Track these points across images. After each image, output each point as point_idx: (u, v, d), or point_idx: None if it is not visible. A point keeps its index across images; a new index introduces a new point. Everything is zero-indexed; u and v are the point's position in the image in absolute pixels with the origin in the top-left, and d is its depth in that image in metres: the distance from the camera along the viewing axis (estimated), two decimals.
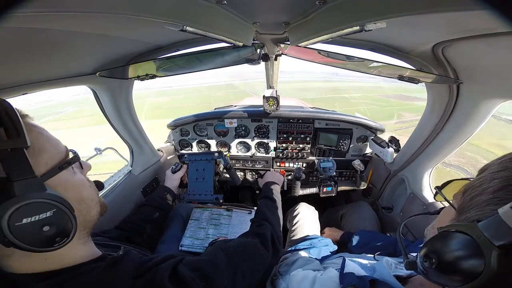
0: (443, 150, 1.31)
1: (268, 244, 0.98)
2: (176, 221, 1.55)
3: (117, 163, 1.69)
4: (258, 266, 0.87)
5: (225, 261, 0.76)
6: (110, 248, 0.77)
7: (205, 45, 1.26)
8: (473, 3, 0.27)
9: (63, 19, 0.61)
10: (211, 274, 0.68)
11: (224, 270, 0.73)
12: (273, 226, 1.11)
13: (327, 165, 1.76)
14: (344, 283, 0.65)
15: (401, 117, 24.37)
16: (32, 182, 0.47)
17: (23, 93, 0.90)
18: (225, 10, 0.77)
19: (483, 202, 0.43)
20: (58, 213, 0.49)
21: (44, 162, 0.53)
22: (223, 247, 0.83)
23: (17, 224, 0.44)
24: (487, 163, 0.51)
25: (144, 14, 0.63)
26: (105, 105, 1.37)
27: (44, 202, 0.47)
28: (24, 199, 0.45)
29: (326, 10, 0.73)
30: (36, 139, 0.53)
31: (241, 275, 0.76)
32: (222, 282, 0.70)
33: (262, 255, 0.91)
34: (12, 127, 0.45)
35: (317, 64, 1.56)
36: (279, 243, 1.06)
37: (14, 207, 0.43)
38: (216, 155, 1.71)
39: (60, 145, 0.60)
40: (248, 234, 1.03)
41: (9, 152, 0.44)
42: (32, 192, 0.46)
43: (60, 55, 0.87)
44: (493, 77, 0.90)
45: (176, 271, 0.64)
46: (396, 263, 0.76)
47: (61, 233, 0.50)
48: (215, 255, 0.77)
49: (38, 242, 0.47)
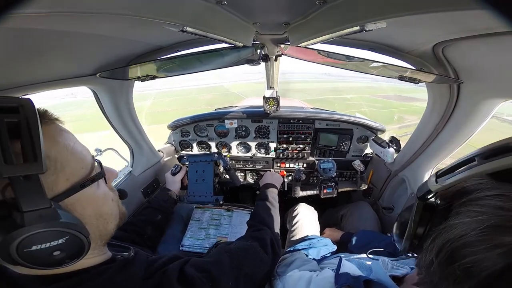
0: (444, 150, 1.31)
1: (268, 248, 0.98)
2: (176, 222, 1.55)
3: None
4: (258, 268, 0.88)
5: (229, 263, 0.77)
6: (117, 248, 0.77)
7: (205, 45, 1.26)
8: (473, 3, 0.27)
9: (63, 20, 0.61)
10: (217, 275, 0.69)
11: (228, 272, 0.74)
12: (271, 231, 1.11)
13: (327, 166, 1.76)
14: (339, 283, 0.65)
15: (403, 120, 23.92)
16: (45, 212, 0.43)
17: (24, 94, 0.90)
18: (225, 10, 0.77)
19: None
20: (71, 239, 0.46)
21: (65, 178, 0.50)
22: (226, 249, 0.84)
23: (26, 250, 0.42)
24: None
25: (144, 14, 0.63)
26: (106, 106, 1.37)
27: (56, 231, 0.44)
28: (33, 229, 0.41)
29: (326, 10, 0.73)
30: (60, 152, 0.49)
31: (243, 276, 0.77)
32: (227, 283, 0.71)
33: (262, 258, 0.92)
34: (29, 147, 0.41)
35: (316, 64, 1.56)
36: (278, 247, 1.07)
37: (22, 237, 0.40)
38: (215, 156, 1.71)
39: (86, 158, 0.56)
40: (247, 238, 1.03)
41: (22, 179, 0.40)
42: (43, 222, 0.42)
43: (61, 56, 0.87)
44: (494, 77, 0.90)
45: (184, 272, 0.65)
46: (392, 263, 0.76)
47: (72, 256, 0.48)
48: (220, 257, 0.78)
49: (47, 264, 0.46)
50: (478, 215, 0.36)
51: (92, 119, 19.19)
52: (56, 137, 0.50)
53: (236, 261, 0.79)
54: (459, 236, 0.36)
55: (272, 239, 1.04)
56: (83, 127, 22.08)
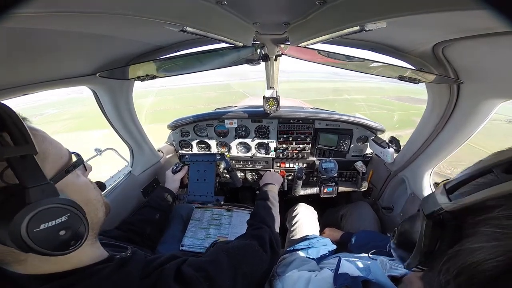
0: (444, 150, 1.31)
1: (267, 247, 0.98)
2: (176, 222, 1.55)
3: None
4: (256, 267, 0.88)
5: (227, 262, 0.76)
6: (115, 248, 0.78)
7: (205, 45, 1.26)
8: (473, 3, 0.27)
9: (63, 20, 0.61)
10: (214, 275, 0.69)
11: (226, 271, 0.74)
12: (271, 229, 1.11)
13: (329, 165, 1.76)
14: (337, 283, 0.65)
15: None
16: (46, 188, 0.47)
17: (24, 94, 0.90)
18: (225, 10, 0.77)
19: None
20: (72, 217, 0.50)
21: (50, 167, 0.53)
22: (224, 248, 0.84)
23: (36, 230, 0.44)
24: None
25: (145, 14, 0.63)
26: (105, 106, 1.37)
27: (59, 207, 0.48)
28: (41, 205, 0.45)
29: (326, 10, 0.73)
30: (39, 143, 0.52)
31: (241, 275, 0.77)
32: (224, 282, 0.71)
33: (260, 257, 0.92)
34: (19, 134, 0.45)
35: (317, 64, 1.56)
36: (277, 246, 1.07)
37: (31, 214, 0.43)
38: (218, 157, 1.71)
39: (62, 148, 0.60)
40: (246, 237, 1.03)
41: (19, 159, 0.44)
42: (46, 198, 0.46)
43: (61, 56, 0.87)
44: (494, 77, 0.90)
45: (181, 272, 0.65)
46: (391, 264, 0.76)
47: (76, 236, 0.51)
48: (217, 256, 0.78)
49: (55, 246, 0.48)
50: (502, 238, 0.32)
51: (92, 117, 19.01)
52: (32, 131, 0.53)
53: (234, 260, 0.79)
54: (482, 260, 0.33)
55: (271, 238, 1.04)
56: (81, 125, 21.82)
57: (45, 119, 29.05)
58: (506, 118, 20.22)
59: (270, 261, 0.99)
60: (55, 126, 23.14)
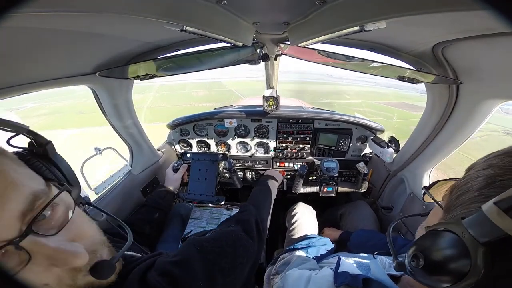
0: (443, 150, 1.32)
1: (253, 232, 0.91)
2: (175, 221, 1.55)
3: None
4: (240, 259, 0.78)
5: (199, 260, 0.67)
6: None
7: (205, 45, 1.26)
8: (473, 3, 0.27)
9: (62, 19, 0.61)
10: (181, 276, 0.61)
11: (197, 269, 0.65)
12: (258, 211, 1.05)
13: (330, 165, 1.76)
14: (338, 282, 0.66)
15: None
16: None
17: (22, 93, 0.90)
18: (225, 10, 0.77)
19: (468, 200, 0.43)
20: None
21: None
22: (196, 242, 0.73)
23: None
24: (473, 162, 0.50)
25: (144, 14, 0.63)
26: (105, 105, 1.37)
27: None
28: None
29: (326, 10, 0.73)
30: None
31: (220, 272, 0.69)
32: (196, 283, 0.63)
33: (245, 245, 0.83)
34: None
35: (316, 64, 1.56)
36: (263, 230, 0.99)
37: None
38: (220, 157, 1.71)
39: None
40: (231, 221, 0.97)
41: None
42: None
43: (60, 55, 0.87)
44: (493, 77, 0.91)
45: (145, 278, 0.59)
46: (390, 262, 0.76)
47: None
48: (187, 253, 0.69)
49: None
50: None
51: (68, 113, 17.67)
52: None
53: (209, 256, 0.70)
54: None
55: (257, 220, 0.98)
56: (55, 123, 20.85)
57: (21, 113, 27.82)
58: (504, 130, 20.11)
59: (257, 248, 0.91)
60: (29, 122, 21.78)
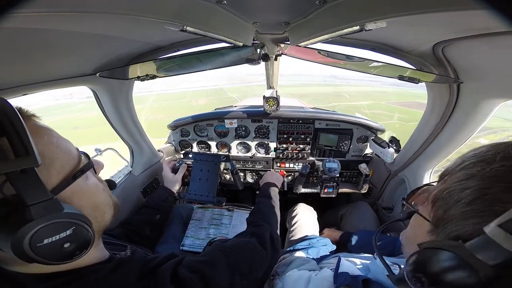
0: (444, 150, 1.31)
1: (267, 245, 0.96)
2: (176, 222, 1.55)
3: None
4: (256, 266, 0.85)
5: (224, 261, 0.75)
6: (115, 246, 0.78)
7: (205, 45, 1.26)
8: (473, 3, 0.27)
9: (63, 19, 0.61)
10: (210, 275, 0.68)
11: (222, 271, 0.72)
12: (271, 226, 1.09)
13: (332, 165, 1.75)
14: (337, 282, 0.66)
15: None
16: (48, 204, 0.44)
17: (23, 94, 0.90)
18: (225, 10, 0.77)
19: (459, 215, 0.41)
20: (77, 229, 0.48)
21: (56, 172, 0.50)
22: (221, 247, 0.82)
23: (39, 244, 0.43)
24: (445, 168, 0.48)
25: (145, 14, 0.63)
26: (105, 106, 1.37)
27: (63, 222, 0.46)
28: (42, 222, 0.42)
29: (326, 10, 0.73)
30: (46, 147, 0.49)
31: (240, 275, 0.75)
32: (222, 282, 0.70)
33: (260, 254, 0.90)
34: (19, 142, 0.40)
35: (317, 64, 1.56)
36: (278, 243, 1.05)
37: (32, 232, 0.42)
38: (223, 158, 1.70)
39: (71, 149, 0.56)
40: (245, 234, 1.02)
41: (19, 174, 0.40)
42: (49, 213, 0.44)
43: (60, 56, 0.87)
44: (494, 76, 0.90)
45: (177, 273, 0.65)
46: (390, 263, 0.76)
47: (81, 247, 0.50)
48: (214, 256, 0.77)
49: (59, 257, 0.47)
50: None
51: (63, 128, 17.31)
52: (38, 132, 0.49)
53: (231, 260, 0.77)
54: None
55: (272, 235, 1.02)
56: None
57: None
58: (507, 136, 19.81)
59: (271, 259, 0.97)
60: None
